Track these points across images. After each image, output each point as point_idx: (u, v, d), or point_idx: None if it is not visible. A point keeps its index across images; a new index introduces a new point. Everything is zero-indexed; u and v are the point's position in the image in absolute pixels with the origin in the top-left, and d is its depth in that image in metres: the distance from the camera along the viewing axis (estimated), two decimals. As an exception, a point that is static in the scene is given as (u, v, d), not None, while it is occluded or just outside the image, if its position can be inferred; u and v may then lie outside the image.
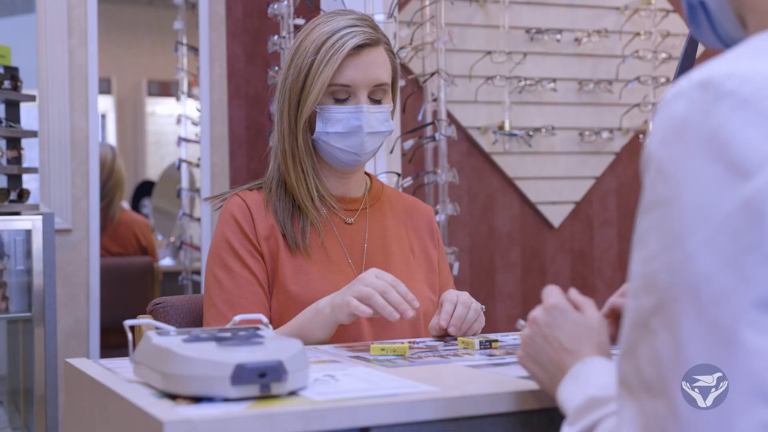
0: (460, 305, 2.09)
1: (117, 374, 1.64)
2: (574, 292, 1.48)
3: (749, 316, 0.98)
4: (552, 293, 1.45)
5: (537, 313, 1.44)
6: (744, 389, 0.99)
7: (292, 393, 1.41)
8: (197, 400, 1.37)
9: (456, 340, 2.06)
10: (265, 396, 1.37)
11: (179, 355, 1.39)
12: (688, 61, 1.73)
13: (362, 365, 1.70)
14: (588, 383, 1.28)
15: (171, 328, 1.56)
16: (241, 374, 1.35)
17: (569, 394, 1.30)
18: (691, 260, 1.01)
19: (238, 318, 1.66)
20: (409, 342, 2.03)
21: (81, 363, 1.78)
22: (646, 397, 1.04)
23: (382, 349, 1.83)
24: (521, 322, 1.55)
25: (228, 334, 1.53)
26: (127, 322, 1.59)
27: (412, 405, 1.36)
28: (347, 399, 1.37)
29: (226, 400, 1.36)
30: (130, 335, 1.59)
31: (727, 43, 1.27)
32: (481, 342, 1.96)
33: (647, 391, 1.04)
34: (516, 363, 1.54)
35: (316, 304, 2.07)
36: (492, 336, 2.06)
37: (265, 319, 1.66)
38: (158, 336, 1.51)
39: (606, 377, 1.28)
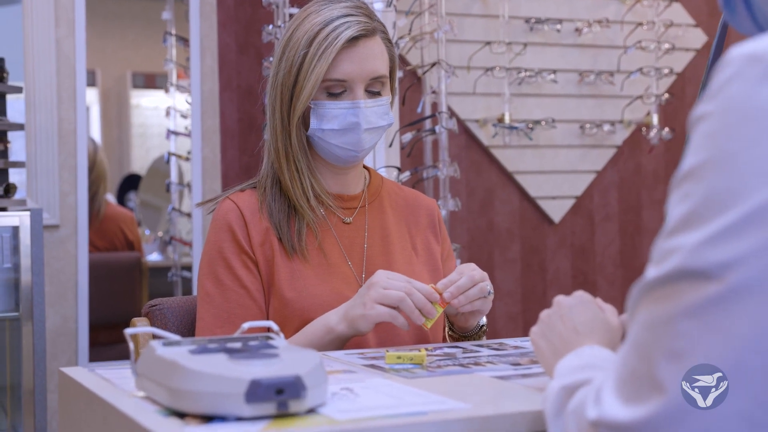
0: (466, 277, 1.93)
1: (116, 386, 1.53)
2: (600, 300, 1.49)
3: None
4: (582, 292, 1.48)
5: (562, 297, 1.46)
6: None
7: (311, 411, 1.29)
8: (208, 418, 1.26)
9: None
10: (282, 414, 1.26)
11: (188, 369, 1.27)
12: (720, 52, 1.64)
13: (379, 376, 1.58)
14: (590, 361, 1.23)
15: (174, 337, 1.45)
16: (256, 391, 1.23)
17: (567, 363, 1.25)
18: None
19: (246, 325, 1.54)
20: (426, 349, 1.90)
21: (76, 372, 1.67)
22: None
23: (398, 357, 1.70)
24: None
25: (238, 345, 1.41)
26: (128, 331, 1.47)
27: (444, 425, 1.24)
28: (372, 418, 1.26)
29: (240, 419, 1.24)
30: (131, 345, 1.47)
31: (765, 28, 1.18)
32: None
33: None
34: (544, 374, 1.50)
35: (326, 321, 1.95)
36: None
37: (275, 327, 1.54)
38: (163, 347, 1.40)
39: (609, 365, 1.20)
